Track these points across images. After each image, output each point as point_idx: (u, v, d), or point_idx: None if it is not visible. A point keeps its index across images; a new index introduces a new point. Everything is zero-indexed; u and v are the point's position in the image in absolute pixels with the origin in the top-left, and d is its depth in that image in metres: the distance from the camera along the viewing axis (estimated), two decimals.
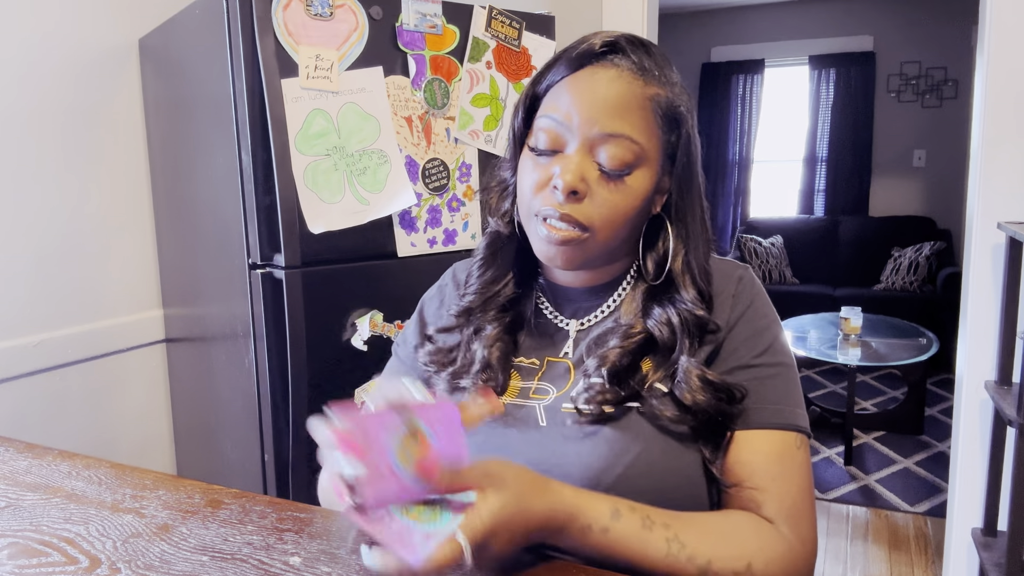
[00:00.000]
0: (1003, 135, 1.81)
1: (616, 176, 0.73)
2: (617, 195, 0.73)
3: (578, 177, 0.72)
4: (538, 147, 0.76)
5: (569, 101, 0.73)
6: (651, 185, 0.75)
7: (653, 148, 0.74)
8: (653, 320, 0.77)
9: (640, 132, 0.73)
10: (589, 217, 0.73)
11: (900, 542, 2.59)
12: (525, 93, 0.80)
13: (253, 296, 1.45)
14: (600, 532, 0.65)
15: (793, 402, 0.76)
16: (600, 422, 0.74)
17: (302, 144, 1.38)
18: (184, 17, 1.58)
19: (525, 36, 1.68)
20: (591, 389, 0.74)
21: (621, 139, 0.72)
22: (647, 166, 0.74)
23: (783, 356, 0.77)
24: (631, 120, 0.72)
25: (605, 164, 0.72)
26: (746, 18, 5.49)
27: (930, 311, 4.33)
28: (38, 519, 0.80)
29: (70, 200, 1.71)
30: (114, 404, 1.83)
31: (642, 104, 0.73)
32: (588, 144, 0.73)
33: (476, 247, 0.89)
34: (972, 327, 1.90)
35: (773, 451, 0.73)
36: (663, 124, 0.74)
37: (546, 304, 0.86)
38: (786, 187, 5.62)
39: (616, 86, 0.73)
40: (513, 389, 0.81)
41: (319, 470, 0.74)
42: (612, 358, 0.75)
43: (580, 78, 0.74)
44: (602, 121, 0.72)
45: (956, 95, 4.90)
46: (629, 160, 0.72)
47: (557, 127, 0.74)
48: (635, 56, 0.74)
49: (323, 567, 0.68)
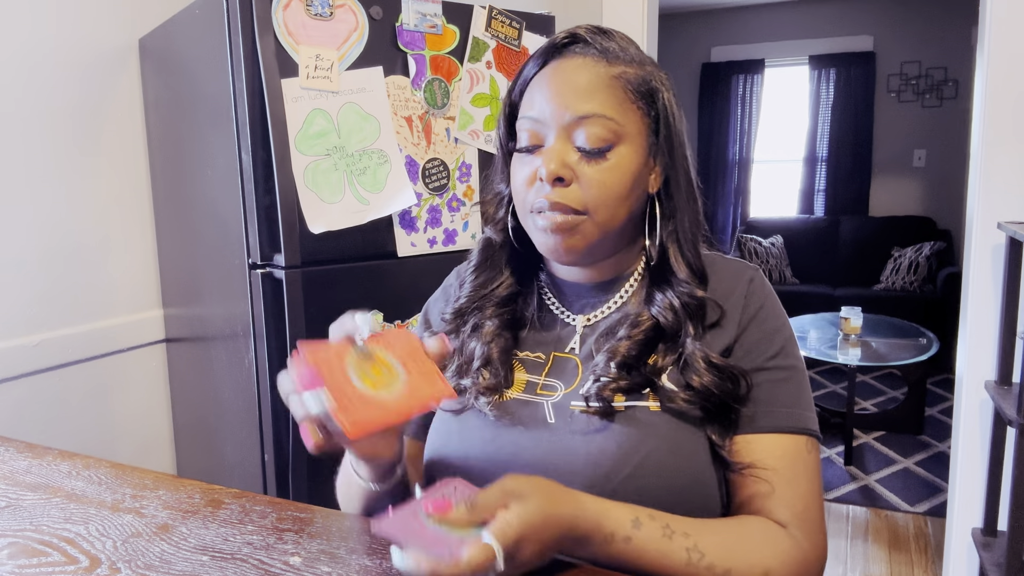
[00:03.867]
0: (1003, 135, 1.81)
1: (598, 154, 0.74)
2: (604, 173, 0.74)
3: (560, 163, 0.73)
4: (521, 147, 0.78)
5: (541, 97, 0.76)
6: (638, 161, 0.76)
7: (632, 123, 0.75)
8: (657, 307, 0.77)
9: (613, 108, 0.74)
10: (580, 200, 0.74)
11: (900, 542, 2.59)
12: (503, 104, 0.83)
13: (253, 296, 1.45)
14: (622, 541, 0.65)
15: (804, 405, 0.76)
16: (609, 418, 0.73)
17: (302, 144, 1.38)
18: (184, 17, 1.58)
19: (525, 36, 1.68)
20: (601, 382, 0.74)
21: (594, 118, 0.73)
22: (629, 142, 0.75)
23: (794, 359, 0.78)
24: (601, 99, 0.74)
25: (585, 144, 0.74)
26: (746, 18, 5.49)
27: (930, 311, 4.33)
28: (38, 519, 0.80)
29: (70, 200, 1.71)
30: (114, 404, 1.83)
31: (610, 83, 0.74)
32: (565, 131, 0.74)
33: (469, 254, 0.90)
34: (972, 327, 1.90)
35: (786, 454, 0.73)
36: (637, 99, 0.75)
37: (552, 300, 0.85)
38: (786, 187, 5.62)
39: (582, 72, 0.75)
40: (519, 383, 0.81)
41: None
42: (622, 350, 0.75)
43: (547, 73, 0.77)
44: (573, 106, 0.73)
45: (956, 95, 4.90)
46: (607, 136, 0.73)
47: (534, 124, 0.76)
48: (596, 42, 0.77)
49: (323, 567, 0.68)
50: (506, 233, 0.85)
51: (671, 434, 0.72)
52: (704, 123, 5.71)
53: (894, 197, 5.18)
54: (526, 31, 1.68)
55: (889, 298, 4.53)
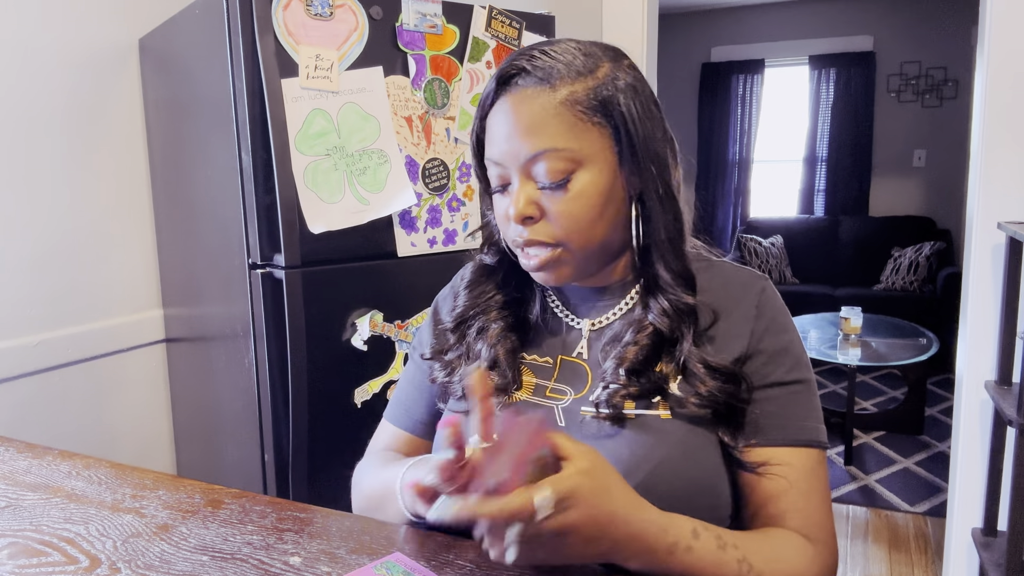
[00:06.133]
0: (1003, 135, 1.81)
1: (559, 187, 0.73)
2: (568, 204, 0.73)
3: (525, 203, 0.73)
4: (494, 188, 0.78)
5: (496, 138, 0.75)
6: (604, 180, 0.74)
7: (589, 143, 0.72)
8: (652, 312, 0.77)
9: (563, 137, 0.72)
10: (551, 233, 0.74)
11: (900, 542, 2.59)
12: (472, 138, 0.82)
13: (253, 296, 1.45)
14: (684, 551, 0.64)
15: (816, 417, 0.77)
16: (620, 424, 0.74)
17: (302, 144, 1.38)
18: (184, 17, 1.58)
19: (525, 36, 1.68)
20: (611, 389, 0.74)
21: (546, 154, 0.72)
22: (590, 163, 0.73)
23: (807, 370, 0.79)
24: (551, 131, 0.72)
25: (544, 180, 0.73)
26: (746, 18, 5.49)
27: (930, 311, 4.33)
28: (38, 519, 0.80)
29: (70, 200, 1.71)
30: (114, 404, 1.83)
31: (556, 112, 0.72)
32: (523, 171, 0.74)
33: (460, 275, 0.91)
34: (972, 327, 1.89)
35: (804, 467, 0.74)
36: (591, 115, 0.72)
37: (557, 304, 0.85)
38: (786, 187, 5.61)
39: (524, 107, 0.72)
40: (528, 385, 0.81)
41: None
42: (630, 356, 0.75)
43: (497, 112, 0.75)
44: (524, 146, 0.72)
45: (956, 95, 4.90)
46: (564, 168, 0.72)
47: (497, 168, 0.76)
48: (535, 68, 0.73)
49: (323, 567, 0.68)
50: (501, 254, 0.85)
51: (683, 441, 0.73)
52: (704, 123, 5.71)
53: (894, 197, 5.18)
54: (526, 31, 1.68)
55: (889, 298, 4.53)
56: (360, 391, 1.50)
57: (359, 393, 1.50)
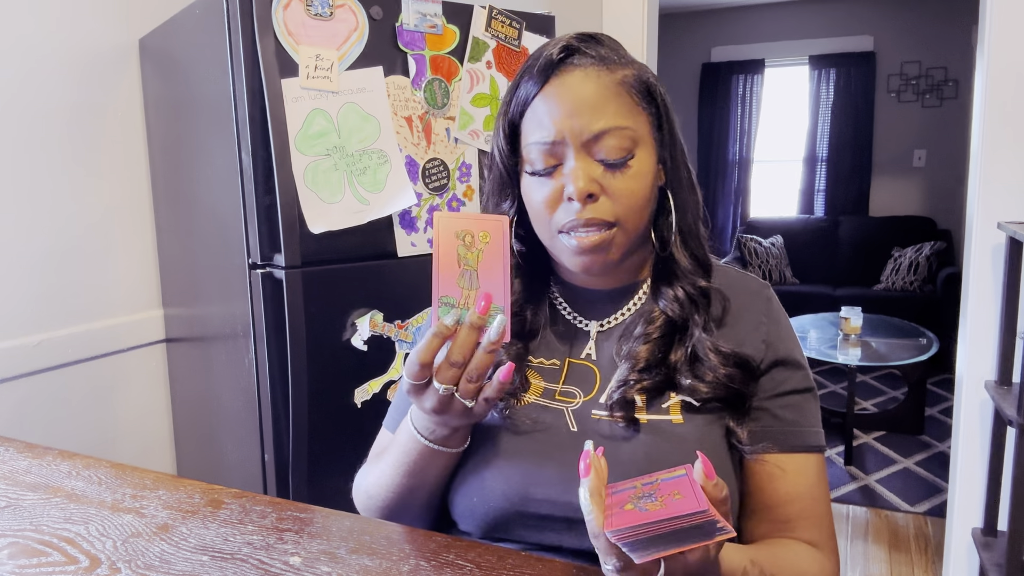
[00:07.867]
0: (1003, 135, 1.81)
1: (621, 164, 0.74)
2: (629, 181, 0.74)
3: (588, 180, 0.72)
4: (537, 170, 0.76)
5: (550, 117, 0.74)
6: (652, 162, 0.76)
7: (641, 125, 0.75)
8: (663, 300, 0.79)
9: (625, 116, 0.74)
10: (612, 212, 0.74)
11: (900, 542, 2.59)
12: (500, 125, 0.80)
13: (253, 296, 1.45)
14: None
15: (818, 422, 0.80)
16: (634, 427, 0.74)
17: (302, 144, 1.38)
18: (184, 17, 1.58)
19: (525, 36, 1.68)
20: (623, 388, 0.75)
21: (612, 131, 0.73)
22: (643, 145, 0.75)
23: (810, 379, 0.81)
24: (613, 109, 0.73)
25: (607, 157, 0.73)
26: (746, 18, 5.49)
27: (930, 311, 4.33)
28: (38, 519, 0.80)
29: (70, 200, 1.71)
30: (114, 404, 1.83)
31: (616, 91, 0.74)
32: (585, 148, 0.73)
33: None
34: (972, 327, 1.89)
35: (812, 473, 0.77)
36: (641, 100, 0.76)
37: (564, 306, 0.85)
38: (786, 187, 5.61)
39: (588, 84, 0.74)
40: (536, 388, 0.81)
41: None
42: (644, 354, 0.76)
43: (551, 91, 0.74)
44: (589, 122, 0.73)
45: (956, 95, 4.90)
46: (626, 146, 0.74)
47: (549, 146, 0.74)
48: (591, 50, 0.76)
49: (323, 567, 0.68)
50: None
51: (696, 446, 0.73)
52: (704, 123, 5.71)
53: (894, 197, 5.18)
54: (526, 31, 1.68)
55: (889, 298, 4.53)
56: (360, 391, 1.50)
57: (359, 393, 1.50)
